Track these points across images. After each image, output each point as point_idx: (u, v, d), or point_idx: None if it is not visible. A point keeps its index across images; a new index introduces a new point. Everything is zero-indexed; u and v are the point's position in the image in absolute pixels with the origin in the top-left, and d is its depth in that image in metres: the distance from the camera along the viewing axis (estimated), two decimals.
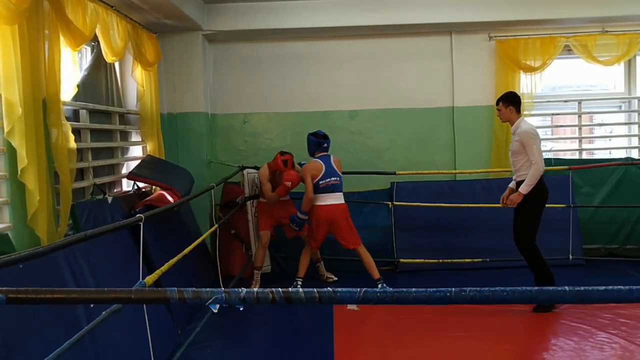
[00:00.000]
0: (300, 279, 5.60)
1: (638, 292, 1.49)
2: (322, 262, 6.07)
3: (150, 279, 3.19)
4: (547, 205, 6.01)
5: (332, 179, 5.43)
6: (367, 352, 4.23)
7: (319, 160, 5.49)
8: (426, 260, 6.15)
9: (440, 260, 6.12)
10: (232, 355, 4.30)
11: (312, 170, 5.42)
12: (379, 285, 5.37)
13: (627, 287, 1.51)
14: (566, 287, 1.56)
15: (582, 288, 1.52)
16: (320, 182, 5.39)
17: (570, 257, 6.12)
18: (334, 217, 5.41)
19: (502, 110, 4.89)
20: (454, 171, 6.62)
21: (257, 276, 5.88)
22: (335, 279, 6.02)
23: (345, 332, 4.52)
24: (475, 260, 6.09)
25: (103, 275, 3.73)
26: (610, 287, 1.50)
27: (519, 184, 4.83)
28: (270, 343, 4.65)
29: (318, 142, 5.53)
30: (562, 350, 4.02)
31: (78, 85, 4.17)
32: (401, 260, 6.26)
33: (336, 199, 5.44)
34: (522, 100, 6.11)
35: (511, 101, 4.87)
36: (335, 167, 5.51)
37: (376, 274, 5.48)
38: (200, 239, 4.58)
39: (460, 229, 6.29)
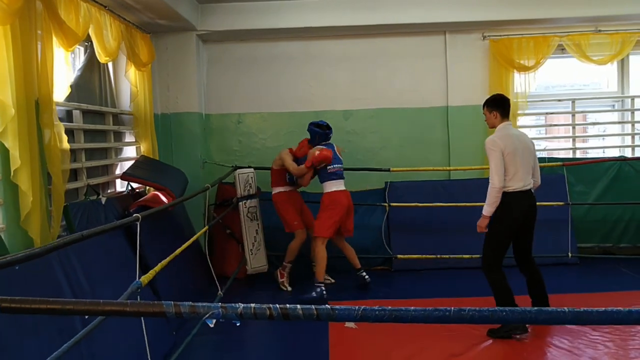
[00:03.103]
0: (321, 284, 5.33)
1: (637, 314, 1.57)
2: None
3: (145, 278, 3.18)
4: (542, 204, 6.06)
5: (337, 165, 5.54)
6: (363, 352, 4.22)
7: (326, 147, 5.54)
8: (423, 256, 6.16)
9: (437, 256, 6.12)
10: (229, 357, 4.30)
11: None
12: (364, 274, 5.64)
13: (626, 309, 1.59)
14: (565, 308, 1.63)
15: (582, 309, 1.61)
16: (329, 168, 5.48)
17: (570, 254, 6.13)
18: (349, 203, 5.51)
19: (486, 115, 4.35)
20: (447, 168, 6.63)
21: (288, 269, 5.84)
22: (333, 280, 5.94)
23: (340, 332, 4.52)
24: (474, 256, 5.81)
25: (96, 275, 3.72)
26: (610, 308, 1.60)
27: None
28: (265, 346, 4.64)
29: (324, 133, 5.57)
30: (557, 348, 4.03)
31: (71, 86, 4.16)
32: (398, 256, 6.25)
33: (343, 185, 5.55)
34: (517, 100, 6.00)
35: (495, 105, 4.29)
36: (338, 154, 5.62)
37: (357, 264, 5.67)
38: (192, 239, 4.56)
39: (454, 227, 6.29)
